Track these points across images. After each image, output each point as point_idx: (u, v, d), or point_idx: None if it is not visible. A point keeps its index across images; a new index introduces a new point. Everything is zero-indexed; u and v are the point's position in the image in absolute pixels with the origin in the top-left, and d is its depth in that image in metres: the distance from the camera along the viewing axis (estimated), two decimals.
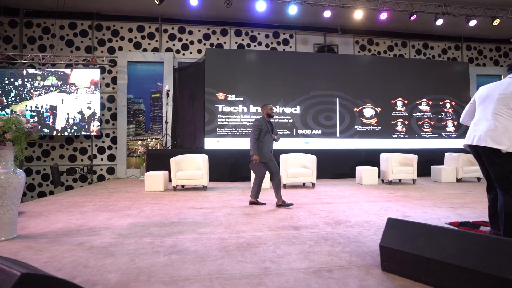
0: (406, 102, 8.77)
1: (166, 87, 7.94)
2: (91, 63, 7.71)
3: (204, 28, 8.86)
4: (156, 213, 3.81)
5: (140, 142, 8.07)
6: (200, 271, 2.04)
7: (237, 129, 7.92)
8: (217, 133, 7.79)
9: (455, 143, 8.96)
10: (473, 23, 7.98)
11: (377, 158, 7.03)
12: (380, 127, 8.59)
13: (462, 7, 7.94)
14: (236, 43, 9.02)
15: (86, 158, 8.27)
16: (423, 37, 9.98)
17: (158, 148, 7.78)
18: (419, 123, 8.83)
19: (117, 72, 8.27)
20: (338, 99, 8.34)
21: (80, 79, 7.68)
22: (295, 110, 8.17)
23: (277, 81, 8.20)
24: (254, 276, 1.96)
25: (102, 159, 8.33)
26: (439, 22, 7.92)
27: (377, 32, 9.61)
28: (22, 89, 7.36)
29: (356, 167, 6.86)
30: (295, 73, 8.29)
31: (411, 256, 1.86)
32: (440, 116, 9.01)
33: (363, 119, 8.53)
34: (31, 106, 7.36)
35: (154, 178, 5.71)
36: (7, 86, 7.37)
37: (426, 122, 8.87)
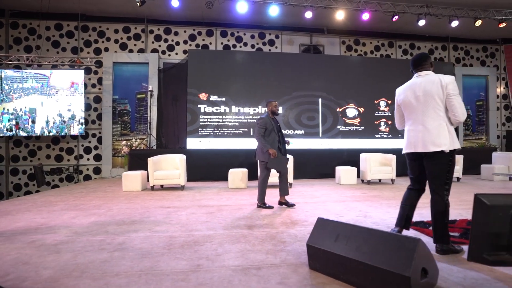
0: (389, 102, 8.81)
1: (150, 88, 8.02)
2: (76, 64, 7.80)
3: (189, 29, 8.93)
4: (122, 212, 3.89)
5: (124, 142, 8.16)
6: (134, 267, 2.11)
7: (219, 129, 7.99)
8: (199, 133, 7.87)
9: None
10: (455, 23, 8.01)
11: (359, 158, 7.08)
12: (363, 127, 8.64)
13: (444, 7, 7.97)
14: (222, 43, 9.09)
15: (73, 158, 8.36)
16: (410, 37, 10.00)
17: (142, 148, 7.87)
18: None
19: (102, 73, 8.36)
20: (320, 99, 8.40)
21: (60, 81, 7.74)
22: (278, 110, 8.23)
23: (259, 81, 8.26)
24: (182, 272, 2.03)
25: (88, 159, 8.42)
26: (422, 22, 7.96)
27: (363, 32, 9.64)
28: (1, 91, 7.43)
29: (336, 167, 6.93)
30: (277, 74, 8.35)
31: (332, 255, 1.92)
32: None
33: (346, 119, 8.58)
34: (7, 109, 7.44)
35: (132, 178, 5.79)
36: None
37: None
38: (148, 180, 6.08)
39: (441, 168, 2.33)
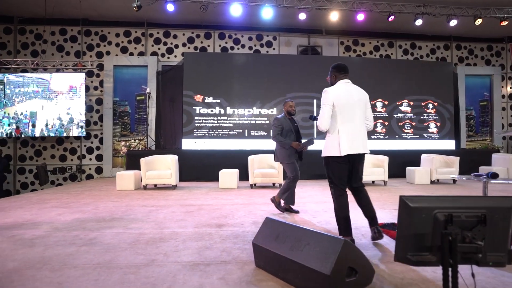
0: (386, 103, 8.73)
1: (148, 90, 8.26)
2: (78, 68, 8.13)
3: (188, 31, 9.13)
4: (107, 210, 4.07)
5: (123, 143, 8.43)
6: (93, 260, 2.26)
7: (214, 130, 8.15)
8: (194, 134, 8.05)
9: (437, 144, 8.84)
10: (453, 23, 7.86)
11: None
12: None
13: (442, 6, 7.83)
14: (220, 46, 9.24)
15: (76, 158, 8.71)
16: (411, 37, 9.85)
17: (140, 148, 8.11)
18: (400, 124, 8.77)
19: (104, 76, 8.66)
20: (315, 100, 8.41)
21: (59, 85, 8.08)
22: (272, 111, 8.31)
23: (254, 83, 8.37)
24: (135, 266, 2.16)
25: (90, 159, 8.76)
26: (419, 22, 7.84)
27: (362, 32, 9.57)
28: (3, 96, 7.83)
29: None
30: (272, 75, 8.42)
31: (271, 254, 2.01)
32: (422, 117, 8.91)
33: None
34: (8, 113, 7.83)
35: (125, 177, 6.01)
36: None
37: (407, 123, 8.80)
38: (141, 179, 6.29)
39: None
